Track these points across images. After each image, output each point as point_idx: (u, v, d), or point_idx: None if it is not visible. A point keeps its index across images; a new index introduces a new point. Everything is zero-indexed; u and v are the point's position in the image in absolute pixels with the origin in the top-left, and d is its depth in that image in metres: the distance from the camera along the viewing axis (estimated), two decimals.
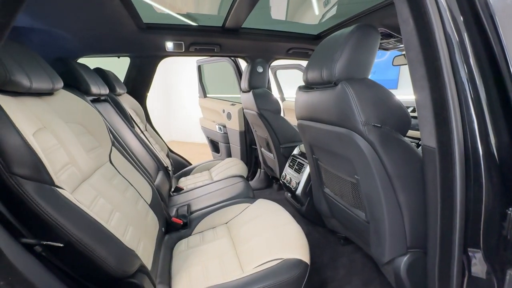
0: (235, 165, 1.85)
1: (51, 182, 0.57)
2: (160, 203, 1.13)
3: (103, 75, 1.51)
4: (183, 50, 1.79)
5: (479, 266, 0.62)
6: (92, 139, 0.92)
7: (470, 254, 0.64)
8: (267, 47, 1.95)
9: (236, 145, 2.58)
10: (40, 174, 0.55)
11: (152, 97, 2.08)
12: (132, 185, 0.99)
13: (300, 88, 1.11)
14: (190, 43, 1.75)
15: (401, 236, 0.83)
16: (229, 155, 2.75)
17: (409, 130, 0.88)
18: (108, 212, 0.75)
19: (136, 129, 1.53)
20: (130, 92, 1.86)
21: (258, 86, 1.76)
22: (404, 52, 1.79)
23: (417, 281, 0.84)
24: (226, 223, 1.18)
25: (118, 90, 1.61)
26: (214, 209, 1.27)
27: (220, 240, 1.05)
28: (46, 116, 0.72)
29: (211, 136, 2.97)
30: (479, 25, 0.58)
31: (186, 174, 2.01)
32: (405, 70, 4.25)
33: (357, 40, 0.82)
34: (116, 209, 0.80)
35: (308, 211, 1.49)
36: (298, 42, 1.97)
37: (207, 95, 3.17)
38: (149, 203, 1.04)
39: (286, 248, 0.88)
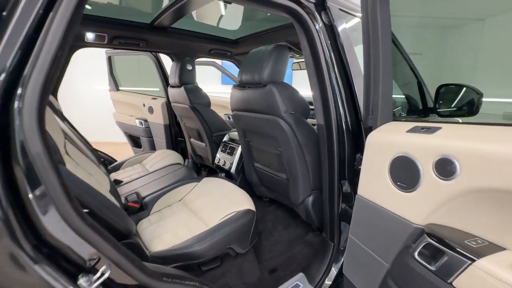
0: (168, 156, 1.99)
1: (63, 162, 0.67)
2: (116, 190, 1.21)
3: None
4: (106, 42, 1.75)
5: (347, 188, 1.14)
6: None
7: (342, 183, 1.16)
8: (191, 46, 2.14)
9: (160, 139, 2.63)
10: (57, 155, 0.65)
11: None
12: (92, 175, 1.06)
13: (235, 86, 1.43)
14: (114, 36, 1.74)
15: (308, 183, 1.31)
16: (152, 148, 2.75)
17: (309, 119, 1.36)
18: None
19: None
20: None
21: (188, 82, 1.95)
22: (298, 60, 2.40)
23: (317, 210, 1.34)
24: (180, 200, 1.38)
25: None
26: (165, 192, 1.43)
27: (179, 213, 1.26)
28: None
29: (130, 131, 2.86)
30: (338, 52, 1.06)
31: (116, 169, 1.97)
32: (296, 73, 5.23)
33: (276, 55, 1.22)
34: None
35: (241, 185, 1.85)
36: (219, 44, 2.25)
37: (120, 88, 3.00)
38: (109, 190, 1.12)
39: (238, 203, 1.20)
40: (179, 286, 0.69)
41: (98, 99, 4.52)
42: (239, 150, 1.84)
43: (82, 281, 0.49)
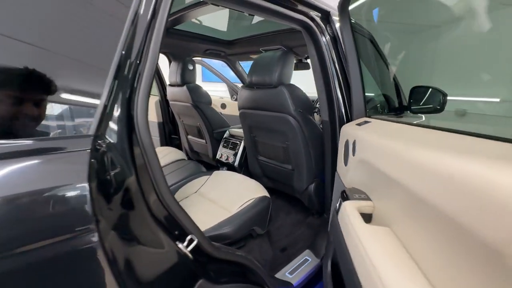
0: (171, 152, 2.06)
1: None
2: None
3: None
4: None
5: None
6: None
7: None
8: (189, 46, 2.22)
9: (154, 136, 2.66)
10: None
11: None
12: None
13: (243, 87, 1.57)
14: None
15: (311, 172, 1.50)
16: None
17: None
18: None
19: None
20: None
21: (190, 81, 2.03)
22: None
23: (319, 195, 1.54)
24: (196, 192, 1.49)
25: None
26: (179, 186, 1.53)
27: (199, 203, 1.37)
28: None
29: None
30: (340, 59, 1.26)
31: None
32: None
33: (284, 59, 1.38)
34: None
35: None
36: (214, 45, 2.35)
37: None
38: None
39: (253, 191, 1.35)
40: (232, 256, 0.83)
41: None
42: (241, 145, 1.98)
43: (180, 246, 0.62)
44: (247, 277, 0.91)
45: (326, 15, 1.23)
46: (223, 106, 3.52)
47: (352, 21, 1.20)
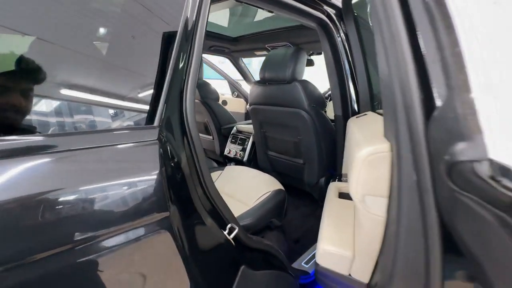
0: None
1: None
2: None
3: None
4: None
5: None
6: None
7: None
8: None
9: None
10: None
11: None
12: None
13: (255, 83, 1.59)
14: None
15: (323, 166, 1.55)
16: None
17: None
18: None
19: None
20: None
21: (198, 78, 2.03)
22: None
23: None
24: None
25: None
26: None
27: None
28: None
29: None
30: (352, 55, 1.30)
31: None
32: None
33: (297, 56, 1.41)
34: None
35: None
36: (219, 42, 2.35)
37: None
38: None
39: (269, 184, 1.38)
40: (262, 245, 0.87)
41: None
42: (250, 141, 2.01)
43: (225, 233, 0.65)
44: (274, 265, 0.95)
45: (340, 12, 1.26)
46: (224, 103, 3.53)
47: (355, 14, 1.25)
